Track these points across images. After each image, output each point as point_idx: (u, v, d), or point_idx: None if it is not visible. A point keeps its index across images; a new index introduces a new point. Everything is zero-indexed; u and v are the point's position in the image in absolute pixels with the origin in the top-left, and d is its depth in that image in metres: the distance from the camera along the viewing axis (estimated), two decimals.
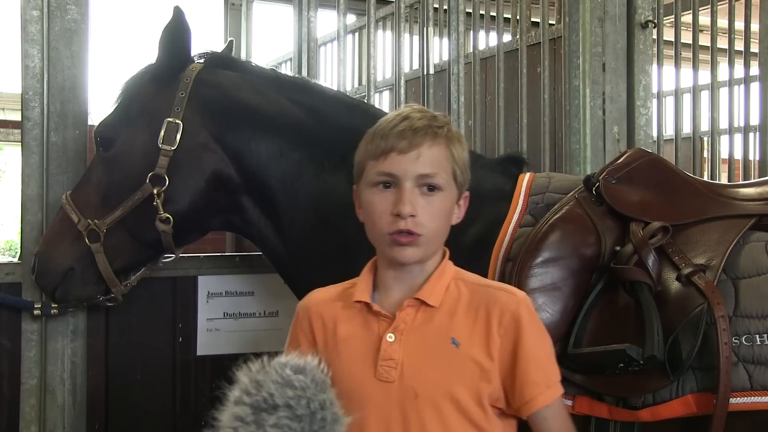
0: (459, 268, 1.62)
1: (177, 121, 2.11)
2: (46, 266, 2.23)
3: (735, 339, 1.65)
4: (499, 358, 1.48)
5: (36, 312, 2.41)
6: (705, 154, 5.23)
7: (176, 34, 2.16)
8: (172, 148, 2.10)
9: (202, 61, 2.24)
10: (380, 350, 1.50)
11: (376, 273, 1.60)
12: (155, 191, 2.10)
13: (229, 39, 2.59)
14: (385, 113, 2.41)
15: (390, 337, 1.51)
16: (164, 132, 2.11)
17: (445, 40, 3.86)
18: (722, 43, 4.25)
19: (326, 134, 2.16)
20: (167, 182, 2.10)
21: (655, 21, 3.40)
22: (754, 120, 4.21)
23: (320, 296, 1.67)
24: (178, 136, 2.11)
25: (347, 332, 1.57)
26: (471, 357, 1.48)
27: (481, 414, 1.47)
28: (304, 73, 2.91)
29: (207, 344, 2.73)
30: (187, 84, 2.15)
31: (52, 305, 2.37)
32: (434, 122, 1.54)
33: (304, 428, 1.10)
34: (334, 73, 4.23)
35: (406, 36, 5.76)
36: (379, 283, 1.59)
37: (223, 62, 2.28)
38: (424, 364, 1.49)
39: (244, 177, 2.16)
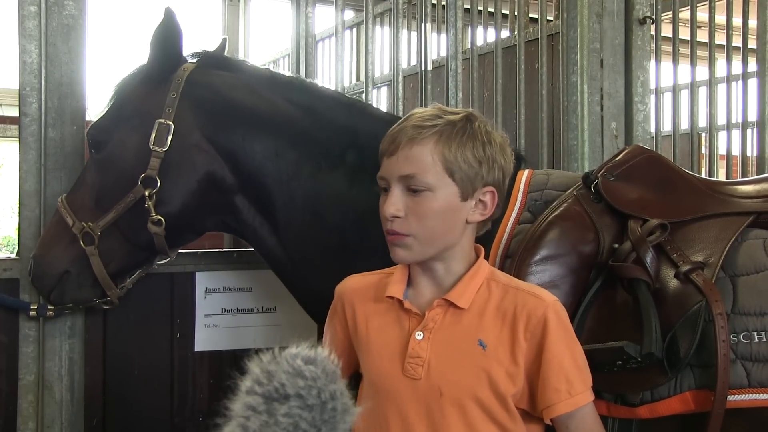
0: (494, 269, 1.62)
1: (168, 122, 2.10)
2: (41, 269, 2.22)
3: (733, 336, 1.65)
4: (525, 363, 1.48)
5: (32, 313, 2.41)
6: (703, 151, 5.24)
7: (167, 35, 2.13)
8: (164, 150, 2.08)
9: (194, 61, 2.22)
10: (408, 347, 1.51)
11: (411, 268, 1.60)
12: (147, 193, 2.08)
13: (222, 37, 2.57)
14: (382, 112, 2.41)
15: (418, 335, 1.51)
16: (155, 134, 2.09)
17: (443, 36, 3.86)
18: (720, 39, 4.25)
19: (323, 133, 2.15)
20: (159, 184, 2.09)
21: (653, 17, 3.40)
22: (752, 116, 4.21)
23: (355, 284, 1.67)
24: (170, 138, 2.09)
25: (379, 326, 1.58)
26: (497, 359, 1.48)
27: (505, 414, 1.48)
28: (302, 69, 2.90)
29: (205, 340, 2.73)
30: (179, 85, 2.13)
31: (49, 307, 2.37)
32: (425, 121, 1.50)
33: (315, 417, 1.11)
34: (332, 69, 4.22)
35: (404, 32, 5.75)
36: (412, 278, 1.59)
37: (216, 62, 2.26)
38: (451, 364, 1.49)
39: (239, 177, 2.14)
